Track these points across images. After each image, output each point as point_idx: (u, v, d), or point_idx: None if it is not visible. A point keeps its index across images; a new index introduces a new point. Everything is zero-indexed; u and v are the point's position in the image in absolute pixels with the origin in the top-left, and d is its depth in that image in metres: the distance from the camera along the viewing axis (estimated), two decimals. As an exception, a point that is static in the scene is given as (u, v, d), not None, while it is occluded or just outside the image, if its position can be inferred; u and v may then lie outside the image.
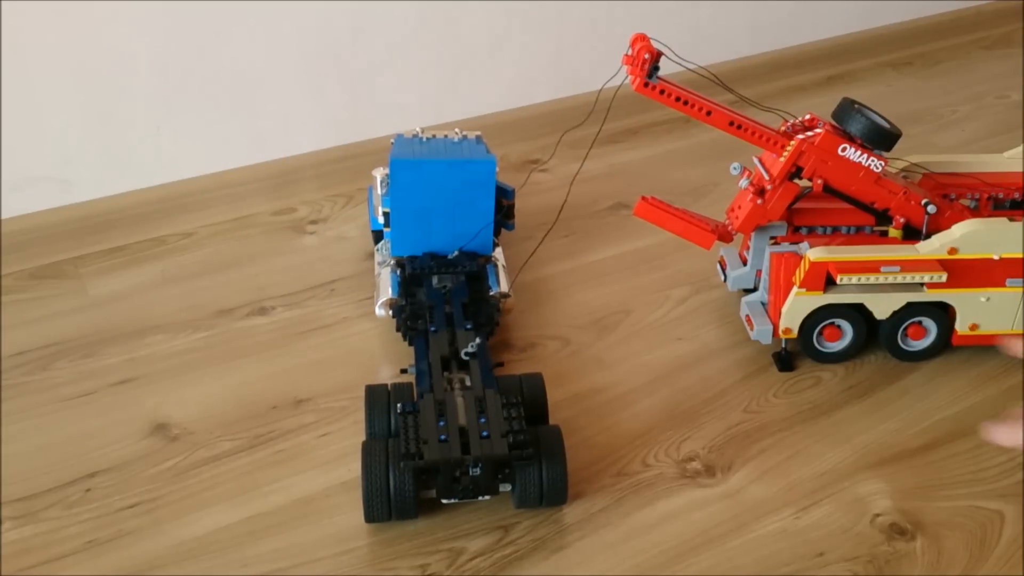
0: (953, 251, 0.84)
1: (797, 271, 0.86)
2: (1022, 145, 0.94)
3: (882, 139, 0.84)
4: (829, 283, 0.85)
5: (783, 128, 0.88)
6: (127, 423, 0.83)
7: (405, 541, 0.72)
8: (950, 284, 0.84)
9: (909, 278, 0.84)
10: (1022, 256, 0.84)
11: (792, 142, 0.85)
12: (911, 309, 0.86)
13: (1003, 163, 0.93)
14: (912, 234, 0.87)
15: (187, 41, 1.15)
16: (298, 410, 0.85)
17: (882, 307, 0.86)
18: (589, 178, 1.11)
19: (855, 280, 0.83)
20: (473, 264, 0.94)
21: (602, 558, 0.71)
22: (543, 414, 0.78)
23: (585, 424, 0.83)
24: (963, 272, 0.84)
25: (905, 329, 0.87)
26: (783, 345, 0.90)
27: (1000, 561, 0.71)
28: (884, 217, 0.88)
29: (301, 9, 1.19)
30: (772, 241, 0.89)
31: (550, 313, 0.97)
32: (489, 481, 0.72)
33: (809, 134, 0.85)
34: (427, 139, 0.97)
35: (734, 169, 0.88)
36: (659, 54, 0.81)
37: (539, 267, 1.01)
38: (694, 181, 1.19)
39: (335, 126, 1.28)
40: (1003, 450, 0.79)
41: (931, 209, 0.86)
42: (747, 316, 0.90)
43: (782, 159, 0.85)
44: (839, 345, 0.89)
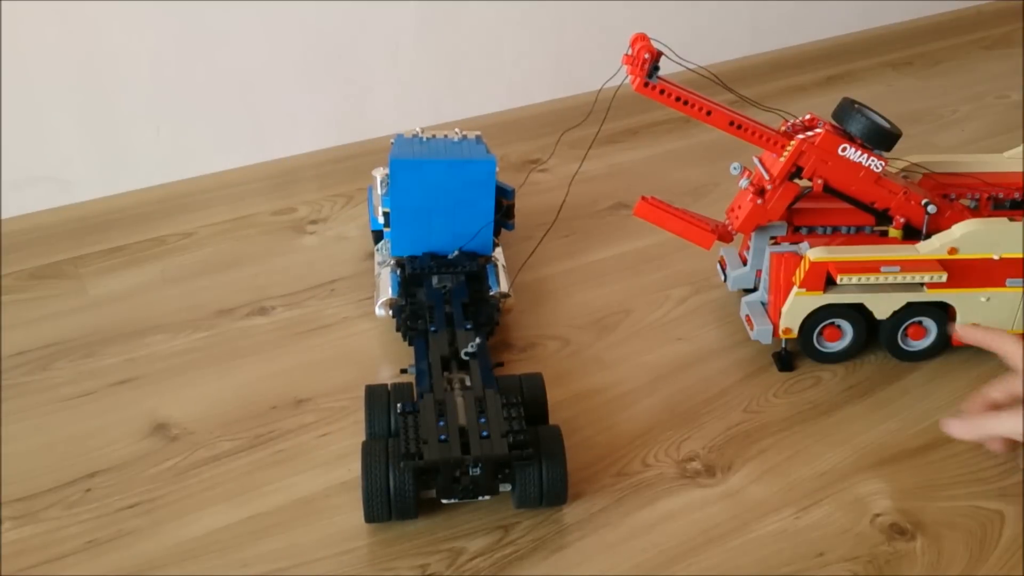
0: (953, 251, 0.84)
1: (797, 271, 0.86)
2: (1022, 145, 0.94)
3: (882, 139, 0.84)
4: (829, 283, 0.85)
5: (783, 128, 0.88)
6: (127, 423, 0.83)
7: (405, 541, 0.72)
8: (950, 284, 0.84)
9: (909, 278, 0.84)
10: (1022, 256, 0.84)
11: (792, 142, 0.85)
12: (911, 309, 0.86)
13: (1003, 163, 0.93)
14: (912, 234, 0.87)
15: (187, 41, 1.15)
16: (298, 410, 0.85)
17: (882, 307, 0.86)
18: (589, 178, 1.11)
19: (855, 280, 0.83)
20: (473, 264, 0.94)
21: (602, 558, 0.71)
22: (543, 414, 0.78)
23: (585, 424, 0.83)
24: (963, 272, 0.84)
25: (905, 329, 0.87)
26: (783, 345, 0.90)
27: (1000, 561, 0.71)
28: (884, 217, 0.88)
29: (301, 9, 1.19)
30: (772, 241, 0.89)
31: (550, 313, 0.97)
32: (489, 481, 0.72)
33: (809, 134, 0.85)
34: (427, 139, 0.97)
35: (734, 169, 0.88)
36: (659, 54, 0.81)
37: (539, 267, 1.01)
38: (694, 181, 1.19)
39: (335, 126, 1.28)
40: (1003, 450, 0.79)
41: (931, 209, 0.86)
42: (747, 316, 0.90)
43: (782, 159, 0.85)
44: (839, 345, 0.89)
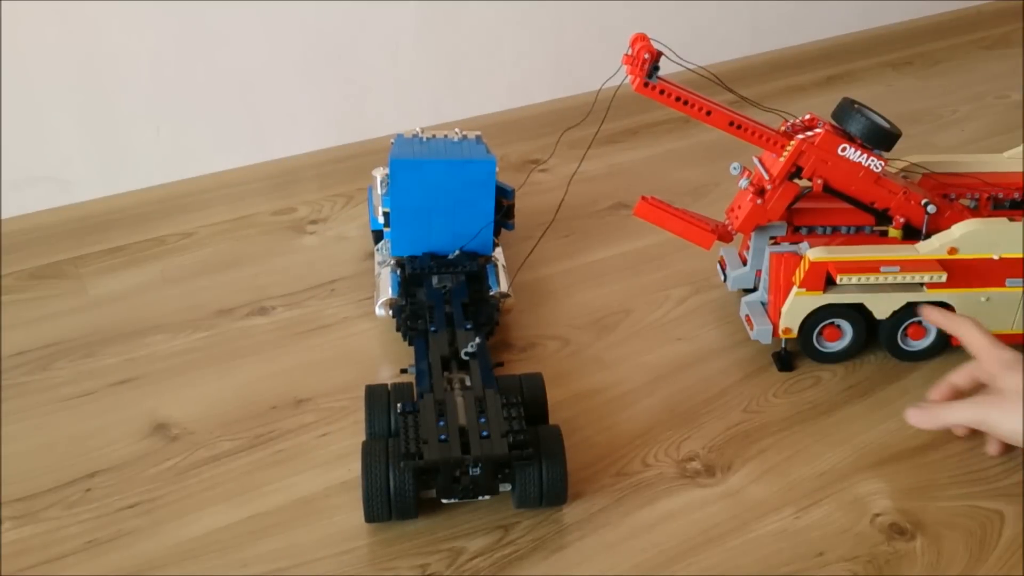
0: (953, 251, 0.84)
1: (797, 271, 0.86)
2: (1022, 145, 0.94)
3: (882, 139, 0.84)
4: (829, 283, 0.85)
5: (783, 128, 0.88)
6: (127, 423, 0.83)
7: (405, 541, 0.72)
8: (950, 284, 0.84)
9: (909, 278, 0.84)
10: (1022, 256, 0.84)
11: (792, 142, 0.85)
12: (911, 309, 0.86)
13: (1003, 163, 0.93)
14: (912, 234, 0.87)
15: (187, 41, 1.15)
16: (298, 410, 0.85)
17: (882, 307, 0.86)
18: (589, 178, 1.11)
19: (855, 280, 0.83)
20: (473, 264, 0.94)
21: (602, 558, 0.71)
22: (543, 414, 0.78)
23: (585, 424, 0.83)
24: (963, 272, 0.84)
25: (905, 329, 0.87)
26: (783, 345, 0.90)
27: (1000, 561, 0.71)
28: (884, 217, 0.88)
29: (301, 9, 1.19)
30: (772, 241, 0.89)
31: (550, 313, 0.97)
32: (489, 481, 0.72)
33: (809, 134, 0.85)
34: (427, 139, 0.97)
35: (734, 169, 0.88)
36: (659, 54, 0.81)
37: (539, 267, 1.02)
38: (694, 181, 1.19)
39: (335, 126, 1.28)
40: (1013, 454, 0.79)
41: (931, 209, 0.86)
42: (747, 316, 0.90)
43: (782, 159, 0.85)
44: (839, 345, 0.89)
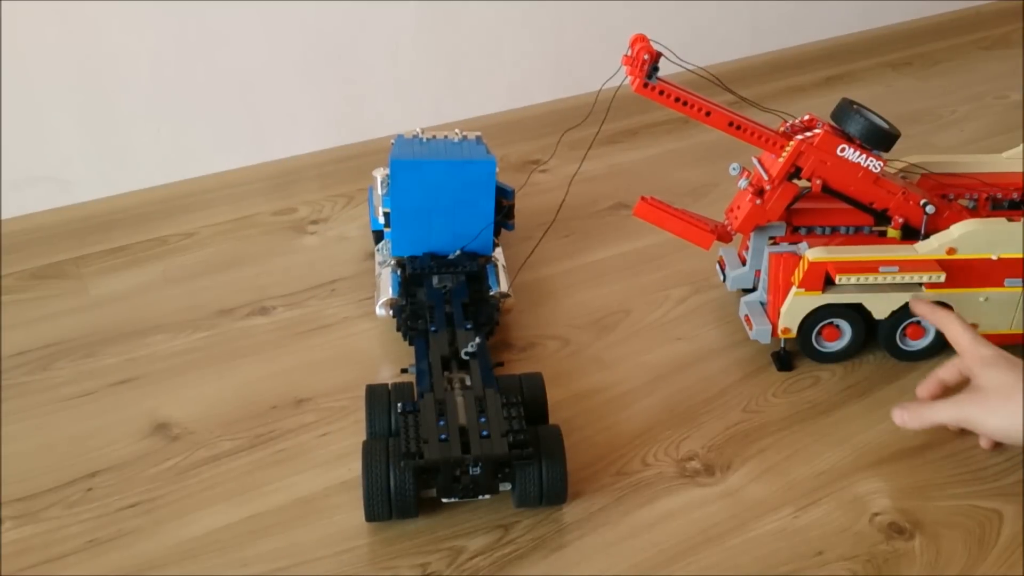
0: (952, 251, 0.84)
1: (796, 271, 0.86)
2: (1021, 145, 0.94)
3: (881, 139, 0.84)
4: (828, 283, 0.85)
5: (782, 128, 0.88)
6: (127, 423, 0.83)
7: (405, 540, 0.73)
8: (949, 284, 0.84)
9: (908, 278, 0.84)
10: (1021, 256, 0.84)
11: (791, 142, 0.85)
12: (910, 309, 0.86)
13: (1002, 163, 0.93)
14: (911, 234, 0.88)
15: (187, 41, 1.15)
16: (298, 410, 0.85)
17: (881, 307, 0.86)
18: (589, 178, 1.11)
19: (854, 280, 0.83)
20: (473, 264, 0.94)
21: (602, 557, 0.72)
22: (543, 414, 0.78)
23: (585, 424, 0.83)
24: (962, 272, 0.84)
25: (904, 329, 0.88)
26: (782, 345, 0.90)
27: (999, 560, 0.71)
28: (883, 217, 0.88)
29: (301, 9, 1.19)
30: (771, 241, 0.90)
31: (550, 313, 0.97)
32: (489, 480, 0.72)
33: (808, 134, 0.85)
34: (427, 139, 0.97)
35: (733, 169, 0.88)
36: (659, 55, 0.82)
37: (539, 267, 1.02)
38: (694, 181, 1.19)
39: (335, 126, 1.28)
40: (1002, 450, 0.79)
41: (930, 209, 0.86)
42: (746, 316, 0.90)
43: (781, 159, 0.85)
44: (838, 345, 0.89)
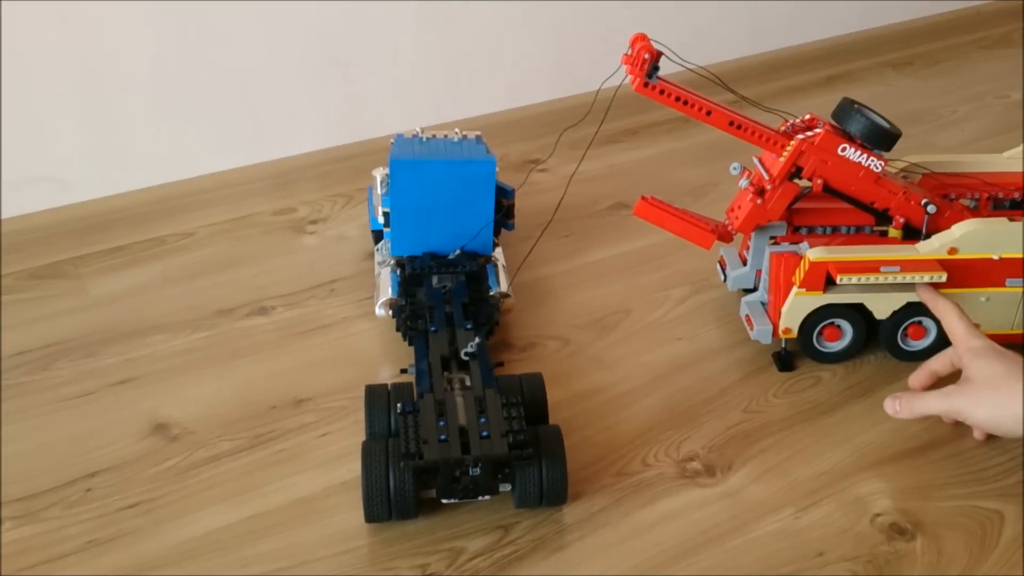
0: (953, 251, 0.84)
1: (797, 271, 0.86)
2: (1022, 145, 0.94)
3: (882, 139, 0.84)
4: (829, 283, 0.85)
5: (783, 128, 0.88)
6: (127, 423, 0.83)
7: (405, 541, 0.72)
8: (950, 284, 0.84)
9: (909, 278, 0.84)
10: (1022, 256, 0.84)
11: (792, 142, 0.85)
12: (911, 309, 0.86)
13: (1003, 163, 0.93)
14: (912, 234, 0.87)
15: (187, 41, 1.15)
16: (298, 410, 0.85)
17: (882, 307, 0.86)
18: (589, 178, 1.12)
19: (855, 280, 0.83)
20: (473, 264, 0.94)
21: (602, 558, 0.71)
22: (543, 414, 0.78)
23: (585, 424, 0.83)
24: (963, 272, 0.84)
25: (905, 329, 0.87)
26: (783, 345, 0.90)
27: (1000, 561, 0.71)
28: (884, 217, 0.88)
29: (301, 9, 1.19)
30: (772, 241, 0.89)
31: (550, 313, 0.97)
32: (489, 481, 0.72)
33: (809, 134, 0.85)
34: (427, 139, 0.97)
35: (734, 169, 0.88)
36: (659, 54, 0.81)
37: (539, 267, 1.02)
38: (694, 181, 1.19)
39: (335, 126, 1.28)
40: (1003, 450, 0.79)
41: (931, 209, 0.86)
42: (747, 316, 0.90)
43: (782, 159, 0.85)
44: (839, 345, 0.89)
